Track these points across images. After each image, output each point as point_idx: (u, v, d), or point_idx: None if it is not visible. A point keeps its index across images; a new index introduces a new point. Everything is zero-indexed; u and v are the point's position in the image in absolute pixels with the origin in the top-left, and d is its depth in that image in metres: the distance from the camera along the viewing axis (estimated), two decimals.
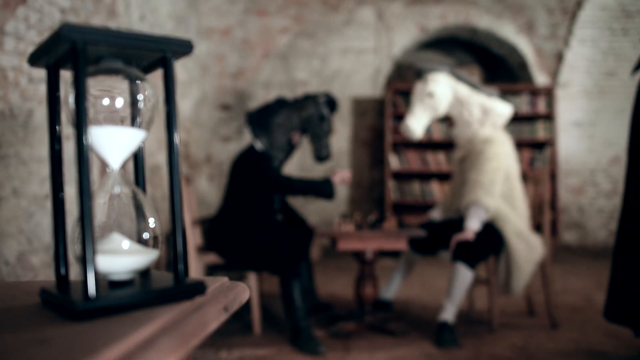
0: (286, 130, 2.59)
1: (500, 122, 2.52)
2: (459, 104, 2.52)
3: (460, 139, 2.61)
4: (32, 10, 1.96)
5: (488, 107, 2.49)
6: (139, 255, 0.63)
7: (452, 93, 2.51)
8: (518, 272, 2.37)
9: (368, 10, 5.19)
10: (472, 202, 2.36)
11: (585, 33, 5.00)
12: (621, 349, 2.18)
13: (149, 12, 3.31)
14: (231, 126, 5.28)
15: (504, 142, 2.48)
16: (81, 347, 0.44)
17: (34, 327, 0.52)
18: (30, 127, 1.95)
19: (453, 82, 2.51)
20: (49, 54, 0.61)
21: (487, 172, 2.37)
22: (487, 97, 2.52)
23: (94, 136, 0.62)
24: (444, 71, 2.51)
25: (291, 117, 2.59)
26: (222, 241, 2.46)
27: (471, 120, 2.51)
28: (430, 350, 2.21)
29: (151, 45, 0.61)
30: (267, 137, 2.58)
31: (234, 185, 2.55)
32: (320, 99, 2.60)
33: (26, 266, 1.89)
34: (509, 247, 2.39)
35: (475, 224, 2.36)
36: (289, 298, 2.28)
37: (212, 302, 0.62)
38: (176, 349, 0.49)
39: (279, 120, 2.57)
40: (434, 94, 2.48)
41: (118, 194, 0.65)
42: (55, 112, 0.64)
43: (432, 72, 2.50)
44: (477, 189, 2.35)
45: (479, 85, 2.54)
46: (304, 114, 2.58)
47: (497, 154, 2.41)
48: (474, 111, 2.50)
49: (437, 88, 2.48)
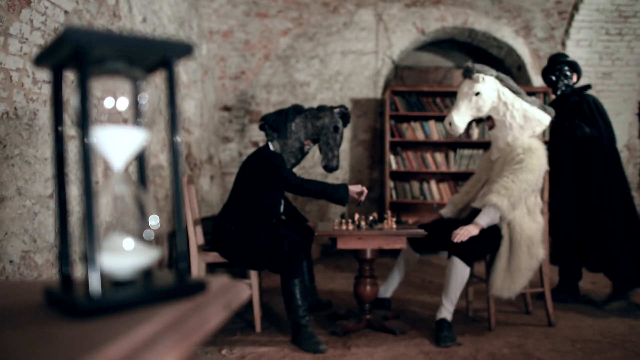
0: (300, 137, 2.63)
1: (540, 130, 2.54)
2: (503, 106, 2.53)
3: (499, 141, 2.60)
4: (36, 13, 1.97)
5: (530, 114, 2.50)
6: (141, 254, 0.63)
7: (497, 95, 2.53)
8: (519, 278, 2.37)
9: (368, 12, 5.20)
10: (493, 205, 2.36)
11: (582, 35, 5.01)
12: (617, 347, 2.19)
13: (152, 15, 3.32)
14: (232, 127, 5.29)
15: (544, 155, 2.48)
16: (85, 344, 0.45)
17: (38, 326, 0.52)
18: (34, 127, 1.96)
19: (499, 85, 2.53)
20: (53, 56, 0.62)
21: (521, 182, 2.36)
22: (529, 105, 2.53)
23: (97, 137, 0.63)
24: (491, 74, 2.54)
25: (306, 125, 2.64)
26: (224, 240, 2.47)
27: (513, 124, 2.52)
28: (429, 348, 2.22)
29: (153, 48, 0.62)
30: (280, 141, 2.62)
31: (243, 183, 2.57)
32: (336, 111, 2.65)
33: (30, 265, 1.90)
34: (512, 253, 2.38)
35: (485, 221, 2.38)
36: (290, 296, 2.29)
37: (214, 300, 0.63)
38: (178, 346, 0.50)
39: (293, 127, 2.62)
40: (481, 93, 2.50)
41: (121, 194, 0.66)
42: (60, 112, 0.65)
43: (481, 73, 2.52)
44: (504, 195, 2.35)
45: (521, 92, 2.55)
46: (319, 123, 2.63)
47: (536, 166, 2.40)
48: (516, 115, 2.51)
49: (484, 88, 2.51)
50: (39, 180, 1.98)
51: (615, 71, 5.19)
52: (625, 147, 5.34)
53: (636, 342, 2.26)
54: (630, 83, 5.25)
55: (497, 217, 2.39)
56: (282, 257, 2.32)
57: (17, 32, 1.87)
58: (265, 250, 2.35)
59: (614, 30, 4.95)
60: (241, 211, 2.49)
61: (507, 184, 2.36)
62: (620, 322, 2.60)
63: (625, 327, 2.51)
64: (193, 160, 4.30)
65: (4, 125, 1.80)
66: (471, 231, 2.35)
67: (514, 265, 2.37)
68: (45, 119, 2.01)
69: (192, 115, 4.30)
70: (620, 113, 5.32)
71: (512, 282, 2.37)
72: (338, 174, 5.29)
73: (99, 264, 0.56)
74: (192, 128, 4.31)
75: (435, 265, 4.30)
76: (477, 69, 2.52)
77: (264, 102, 5.25)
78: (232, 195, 2.60)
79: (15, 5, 1.84)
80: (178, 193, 0.65)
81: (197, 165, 4.42)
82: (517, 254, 2.36)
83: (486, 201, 2.40)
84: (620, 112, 5.32)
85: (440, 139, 4.99)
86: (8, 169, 1.81)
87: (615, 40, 5.02)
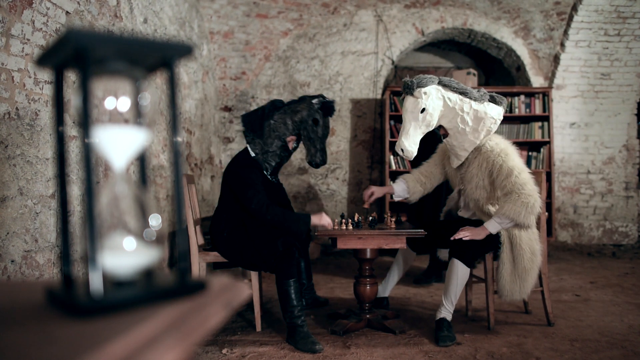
0: (280, 135, 2.47)
1: (495, 127, 2.42)
2: (450, 113, 2.37)
3: (456, 149, 2.47)
4: (38, 14, 1.98)
5: (481, 113, 2.37)
6: (142, 254, 0.64)
7: (443, 104, 2.36)
8: (528, 278, 2.34)
9: (367, 13, 5.20)
10: (512, 219, 2.27)
11: (580, 36, 5.02)
12: (615, 347, 2.19)
13: (153, 16, 3.33)
14: (233, 127, 5.29)
15: (514, 151, 2.40)
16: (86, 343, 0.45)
17: (39, 325, 0.52)
18: (36, 128, 1.97)
19: (443, 92, 2.35)
20: (55, 57, 0.62)
21: (527, 184, 2.27)
22: (478, 102, 2.37)
23: (98, 137, 0.63)
24: (433, 82, 2.35)
25: (285, 121, 2.46)
26: (219, 244, 2.47)
27: (466, 129, 2.38)
28: (428, 347, 2.23)
29: (154, 48, 0.62)
30: (260, 142, 2.47)
31: (227, 189, 2.53)
32: (314, 101, 2.47)
33: (32, 265, 1.90)
34: (515, 255, 2.35)
35: (496, 228, 2.33)
36: (285, 297, 2.29)
37: (214, 300, 0.64)
38: (179, 345, 0.51)
39: (272, 124, 2.45)
40: (427, 109, 2.32)
41: (122, 194, 0.66)
42: (61, 112, 0.66)
43: (422, 86, 2.32)
44: (522, 209, 2.24)
45: (468, 90, 2.37)
46: (298, 117, 2.46)
47: (518, 164, 2.34)
48: (467, 119, 2.36)
49: (429, 102, 2.32)
50: (41, 180, 1.98)
51: (613, 72, 5.20)
52: (624, 147, 5.35)
53: (635, 342, 2.27)
54: (629, 84, 5.26)
55: (509, 225, 2.33)
56: (276, 257, 2.31)
57: (19, 32, 1.87)
58: (260, 251, 2.34)
59: (612, 31, 4.95)
60: (232, 215, 2.49)
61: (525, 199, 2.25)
62: (619, 321, 2.60)
63: (624, 326, 2.51)
64: (194, 161, 4.31)
65: (6, 125, 1.80)
66: (477, 235, 2.33)
67: (520, 267, 2.33)
68: (47, 119, 2.02)
69: (192, 115, 4.30)
70: (618, 113, 5.33)
71: (522, 283, 2.34)
72: (338, 173, 5.30)
73: (100, 263, 0.56)
74: (193, 128, 4.31)
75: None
76: (417, 83, 2.32)
77: (264, 102, 5.26)
78: (221, 199, 2.57)
79: (17, 6, 1.85)
80: (179, 193, 0.65)
81: (198, 166, 4.42)
82: (520, 255, 2.34)
83: (502, 210, 2.28)
84: (618, 113, 5.33)
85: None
86: (10, 169, 1.82)
87: (614, 41, 5.03)
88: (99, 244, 0.56)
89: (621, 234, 5.34)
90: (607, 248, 5.17)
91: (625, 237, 5.33)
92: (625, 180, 5.33)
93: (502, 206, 2.31)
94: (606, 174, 5.34)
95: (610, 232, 5.34)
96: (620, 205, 5.33)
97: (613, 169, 5.33)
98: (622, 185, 5.33)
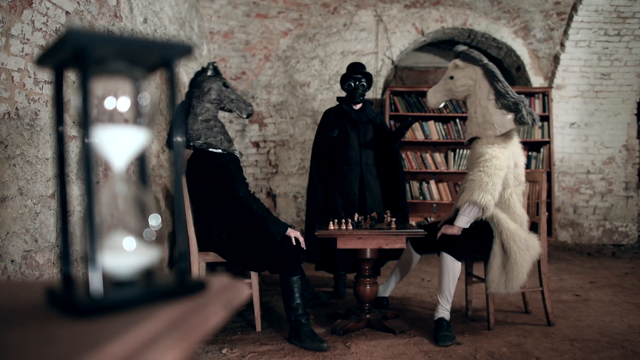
0: (213, 120, 2.46)
1: (491, 133, 2.43)
2: (472, 96, 2.51)
3: (467, 135, 2.59)
4: (37, 14, 1.98)
5: (489, 117, 2.43)
6: (142, 254, 0.64)
7: (473, 85, 2.50)
8: (515, 271, 2.33)
9: (367, 13, 5.20)
10: (468, 201, 2.34)
11: (580, 36, 5.02)
12: (615, 347, 2.19)
13: (152, 16, 3.33)
14: (233, 127, 5.29)
15: (502, 152, 2.39)
16: (86, 343, 0.45)
17: (39, 325, 0.52)
18: (35, 128, 1.97)
19: (479, 76, 2.47)
20: (55, 57, 0.62)
21: (488, 169, 2.32)
22: (496, 107, 2.42)
23: (98, 136, 0.63)
24: (474, 63, 2.49)
25: (206, 107, 2.46)
26: (216, 247, 2.43)
27: (473, 118, 2.50)
28: (428, 347, 2.23)
29: (153, 48, 0.62)
30: (208, 136, 2.41)
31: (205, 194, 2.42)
32: (209, 73, 2.54)
33: (32, 265, 1.90)
34: (505, 250, 2.35)
35: (463, 220, 2.38)
36: (289, 295, 2.30)
37: (214, 300, 0.64)
38: (179, 345, 0.51)
39: (200, 119, 2.42)
40: (454, 78, 2.54)
41: (122, 194, 0.66)
42: (61, 112, 0.66)
43: (460, 58, 2.52)
44: (476, 187, 2.32)
45: (502, 91, 2.42)
46: (213, 95, 2.48)
47: (497, 155, 2.35)
48: (478, 111, 2.48)
49: (459, 75, 2.52)
50: (40, 180, 1.98)
51: (613, 72, 5.21)
52: (623, 147, 5.35)
53: (635, 342, 2.27)
54: (629, 84, 5.26)
55: (477, 213, 2.35)
56: (281, 255, 2.32)
57: (19, 32, 1.87)
58: (266, 251, 2.34)
59: (612, 31, 4.96)
60: (225, 216, 2.40)
61: (475, 177, 2.34)
62: (619, 321, 2.60)
63: (624, 326, 2.51)
64: None
65: (6, 125, 1.80)
66: (449, 230, 2.38)
67: (510, 261, 2.33)
68: (47, 119, 2.02)
69: None
70: (618, 113, 5.33)
71: (509, 277, 2.33)
72: None
73: (100, 263, 0.56)
74: None
75: (435, 265, 4.30)
76: (458, 53, 2.54)
77: (264, 102, 5.26)
78: (200, 203, 2.44)
79: (16, 6, 1.85)
80: (179, 193, 0.65)
81: None
82: (510, 248, 2.33)
83: (460, 201, 2.41)
84: (618, 113, 5.33)
85: (440, 139, 5.00)
86: (10, 169, 1.82)
87: (614, 41, 5.03)
88: (99, 244, 0.56)
89: (621, 234, 5.34)
90: (607, 248, 5.18)
91: (625, 237, 5.34)
92: (625, 180, 5.33)
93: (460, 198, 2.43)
94: (606, 174, 5.35)
95: (610, 232, 5.35)
96: (620, 205, 5.33)
97: (613, 169, 5.34)
98: (622, 185, 5.33)
